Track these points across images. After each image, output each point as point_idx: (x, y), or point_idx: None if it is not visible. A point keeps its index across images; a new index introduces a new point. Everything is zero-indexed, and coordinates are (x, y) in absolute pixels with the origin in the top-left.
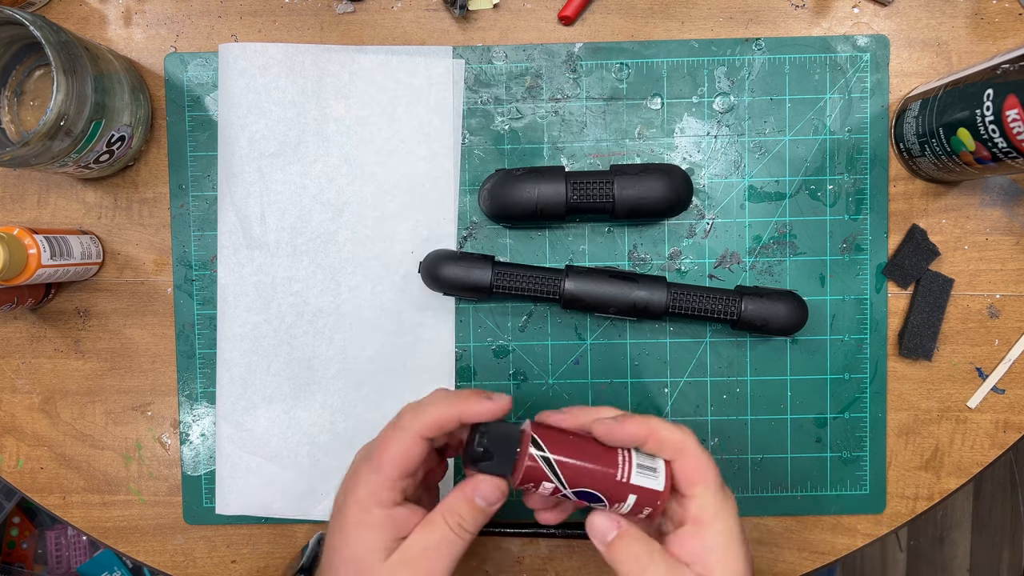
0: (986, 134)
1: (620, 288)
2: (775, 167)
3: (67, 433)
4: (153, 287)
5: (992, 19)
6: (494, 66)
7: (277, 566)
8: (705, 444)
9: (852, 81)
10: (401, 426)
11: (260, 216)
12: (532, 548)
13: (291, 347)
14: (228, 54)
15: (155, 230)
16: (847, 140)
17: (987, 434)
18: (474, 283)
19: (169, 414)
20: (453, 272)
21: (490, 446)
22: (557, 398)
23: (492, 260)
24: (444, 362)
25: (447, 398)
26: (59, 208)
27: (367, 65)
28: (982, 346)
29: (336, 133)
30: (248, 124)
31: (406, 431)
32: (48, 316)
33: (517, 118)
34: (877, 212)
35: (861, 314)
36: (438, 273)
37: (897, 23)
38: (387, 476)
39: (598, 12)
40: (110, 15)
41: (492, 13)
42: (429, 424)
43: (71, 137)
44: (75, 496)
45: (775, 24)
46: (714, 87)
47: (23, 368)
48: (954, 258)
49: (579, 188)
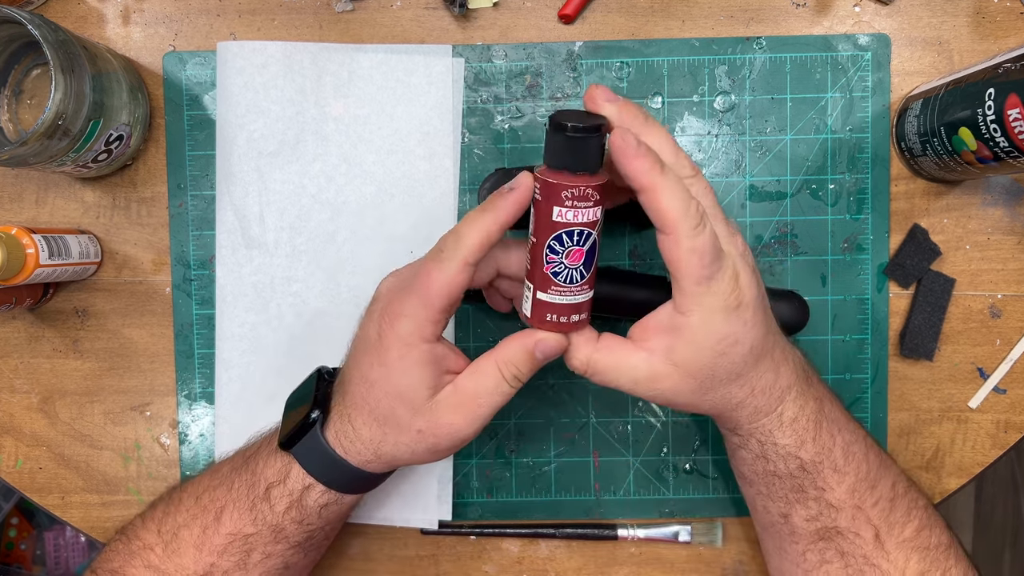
0: (988, 133)
1: (620, 288)
2: (776, 166)
3: (66, 433)
4: (151, 287)
5: (994, 18)
6: (494, 65)
7: None
8: (705, 445)
9: (853, 80)
10: (444, 256)
11: (259, 216)
12: (532, 548)
13: (290, 347)
14: (226, 53)
15: (153, 230)
16: (848, 139)
17: (988, 434)
18: None
19: (168, 414)
20: None
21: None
22: (557, 399)
23: None
24: None
25: (479, 216)
26: (57, 207)
27: (366, 64)
28: (983, 346)
29: (335, 132)
30: (247, 123)
31: (451, 260)
32: (46, 316)
33: (517, 117)
34: (878, 212)
35: (862, 314)
36: None
37: (898, 22)
38: (436, 309)
39: (598, 11)
40: (108, 14)
41: (492, 12)
42: (473, 247)
43: (69, 136)
44: (74, 496)
45: (776, 23)
46: (715, 86)
47: (21, 368)
48: (955, 258)
49: None
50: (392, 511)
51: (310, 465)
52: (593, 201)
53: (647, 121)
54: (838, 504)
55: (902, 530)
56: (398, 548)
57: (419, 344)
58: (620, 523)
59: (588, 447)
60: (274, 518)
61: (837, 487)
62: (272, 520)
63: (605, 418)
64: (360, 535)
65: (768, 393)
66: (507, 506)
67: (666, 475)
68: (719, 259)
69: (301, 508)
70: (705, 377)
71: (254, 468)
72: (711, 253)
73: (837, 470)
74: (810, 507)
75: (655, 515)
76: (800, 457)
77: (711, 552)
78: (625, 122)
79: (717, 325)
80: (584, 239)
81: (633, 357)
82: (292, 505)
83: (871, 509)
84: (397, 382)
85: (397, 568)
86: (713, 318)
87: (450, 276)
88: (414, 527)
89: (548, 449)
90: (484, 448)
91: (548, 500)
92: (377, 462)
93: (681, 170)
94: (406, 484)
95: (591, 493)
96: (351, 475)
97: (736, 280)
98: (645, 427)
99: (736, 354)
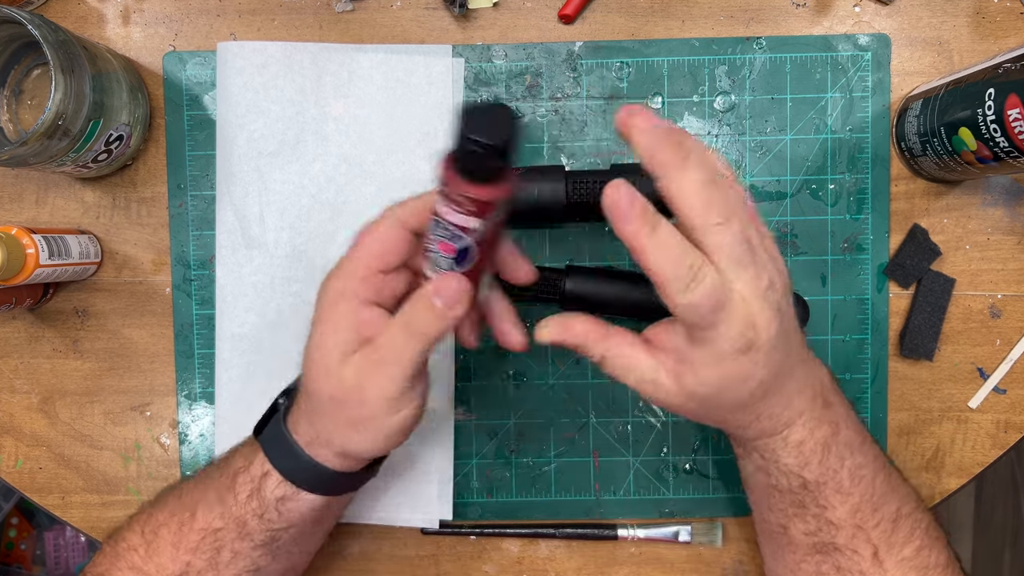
0: (988, 133)
1: (620, 288)
2: (776, 166)
3: (66, 433)
4: (151, 287)
5: (994, 18)
6: (494, 65)
7: None
8: (705, 445)
9: (853, 80)
10: (379, 215)
11: (259, 216)
12: (532, 548)
13: (290, 347)
14: (226, 53)
15: (153, 230)
16: (848, 139)
17: (988, 434)
18: None
19: (168, 414)
20: None
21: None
22: (557, 398)
23: None
24: (444, 362)
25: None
26: (57, 208)
27: (366, 64)
28: (983, 346)
29: (335, 132)
30: (247, 123)
31: (385, 217)
32: (46, 316)
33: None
34: (878, 212)
35: (862, 314)
36: None
37: (898, 22)
38: (360, 264)
39: (598, 11)
40: (108, 14)
41: (492, 12)
42: (411, 208)
43: (69, 136)
44: (74, 496)
45: (776, 23)
46: (715, 86)
47: (21, 368)
48: (955, 258)
49: (579, 187)
50: (392, 511)
51: (271, 451)
52: (467, 211)
53: (684, 161)
54: (838, 522)
55: (901, 549)
56: (398, 548)
57: (339, 301)
58: (620, 523)
59: (588, 447)
60: (238, 509)
61: (839, 507)
62: (236, 512)
63: (605, 418)
64: (360, 535)
65: (775, 419)
66: (507, 506)
67: (666, 475)
68: (721, 308)
69: (260, 499)
70: (707, 402)
71: (230, 459)
72: (708, 305)
73: (841, 491)
74: (809, 522)
75: (655, 515)
76: (803, 476)
77: (711, 552)
78: (655, 162)
79: (724, 366)
80: (455, 238)
81: (644, 361)
82: (252, 494)
83: (872, 529)
84: (317, 341)
85: (397, 568)
86: (721, 359)
87: (381, 232)
88: (414, 527)
89: (548, 449)
90: (484, 448)
91: (548, 500)
92: (320, 444)
93: (709, 217)
94: (406, 484)
95: (591, 493)
96: (302, 463)
97: (748, 324)
98: (645, 427)
99: (743, 390)
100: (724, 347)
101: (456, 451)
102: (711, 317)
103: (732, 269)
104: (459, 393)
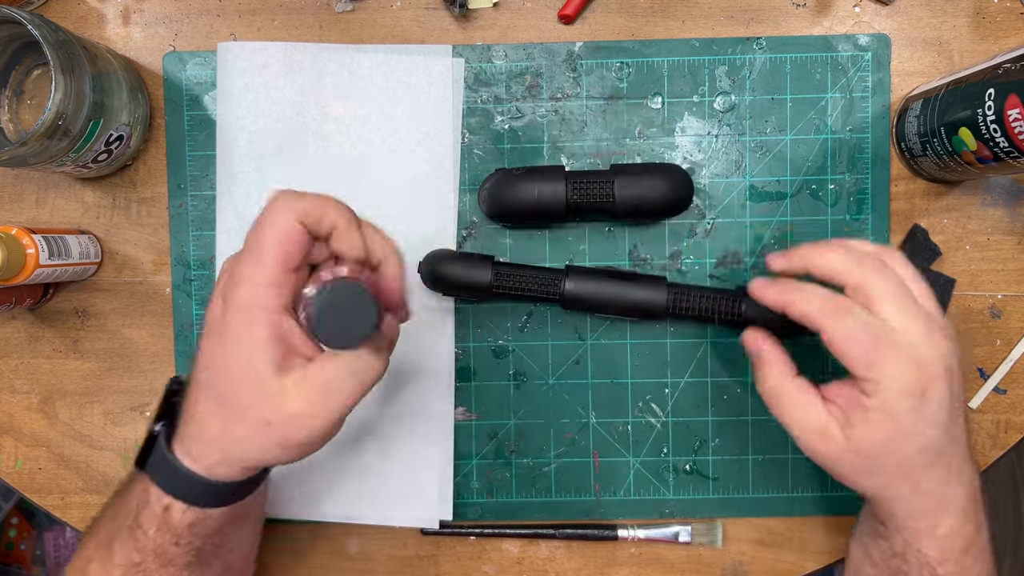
0: (988, 133)
1: (620, 288)
2: (776, 167)
3: (66, 433)
4: (151, 287)
5: (994, 18)
6: (494, 65)
7: (274, 566)
8: (706, 445)
9: (853, 80)
10: (275, 208)
11: None
12: (532, 549)
13: None
14: (227, 53)
15: (153, 230)
16: (848, 140)
17: (988, 434)
18: (474, 283)
19: None
20: (453, 272)
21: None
22: (557, 399)
23: (492, 260)
24: (444, 362)
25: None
26: (57, 208)
27: (366, 64)
28: (983, 346)
29: (335, 132)
30: (247, 124)
31: (282, 210)
32: (46, 316)
33: (517, 117)
34: (878, 212)
35: None
36: (438, 273)
37: (898, 22)
38: (270, 268)
39: (598, 11)
40: (108, 14)
41: (492, 12)
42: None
43: (69, 136)
44: (74, 496)
45: (776, 23)
46: (715, 86)
47: (21, 368)
48: (956, 258)
49: (579, 188)
50: (392, 511)
51: (164, 482)
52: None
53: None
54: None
55: None
56: (398, 548)
57: (256, 312)
58: (620, 523)
59: (588, 447)
60: (150, 542)
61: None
62: (151, 545)
63: (605, 418)
64: (360, 535)
65: (932, 498)
66: (507, 506)
67: (666, 475)
68: (880, 344)
69: (170, 529)
70: (872, 460)
71: (126, 498)
72: (864, 337)
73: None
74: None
75: (655, 515)
76: (937, 572)
77: (711, 552)
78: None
79: (895, 413)
80: None
81: (813, 406)
82: (161, 527)
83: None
84: (236, 357)
85: (397, 568)
86: (896, 403)
87: (284, 230)
88: (414, 527)
89: (548, 449)
90: (484, 448)
91: (548, 500)
92: (227, 466)
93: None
94: (406, 484)
95: (591, 493)
96: (203, 488)
97: (914, 365)
98: (645, 427)
99: (911, 446)
100: (895, 386)
101: (456, 451)
102: (872, 352)
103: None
104: (459, 393)
